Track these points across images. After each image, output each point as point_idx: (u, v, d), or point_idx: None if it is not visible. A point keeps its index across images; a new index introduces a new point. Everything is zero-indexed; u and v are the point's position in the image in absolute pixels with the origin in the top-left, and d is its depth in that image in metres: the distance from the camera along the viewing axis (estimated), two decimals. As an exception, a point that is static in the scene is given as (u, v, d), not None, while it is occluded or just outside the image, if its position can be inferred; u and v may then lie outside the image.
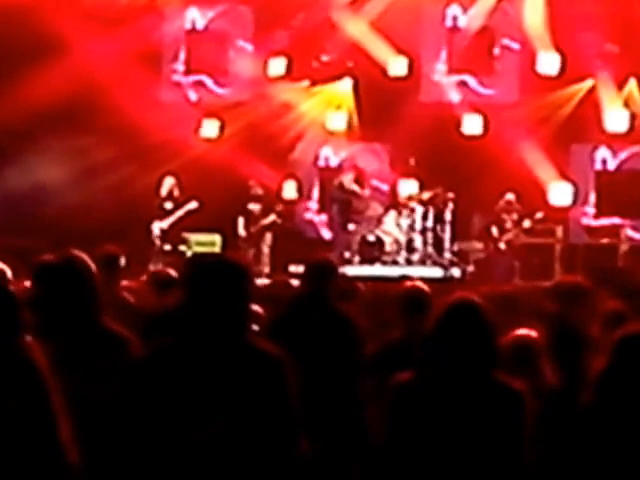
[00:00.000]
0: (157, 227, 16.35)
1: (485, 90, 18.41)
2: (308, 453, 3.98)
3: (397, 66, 18.10)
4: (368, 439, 5.41)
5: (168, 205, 16.38)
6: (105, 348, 4.37)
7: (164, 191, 16.46)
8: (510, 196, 16.26)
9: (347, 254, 16.12)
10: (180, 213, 16.32)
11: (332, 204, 16.92)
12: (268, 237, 16.64)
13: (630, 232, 17.03)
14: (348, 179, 16.63)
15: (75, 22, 17.21)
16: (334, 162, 19.01)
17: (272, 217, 16.68)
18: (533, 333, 5.19)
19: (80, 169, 17.28)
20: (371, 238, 16.33)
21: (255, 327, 6.19)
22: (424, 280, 7.41)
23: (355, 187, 16.58)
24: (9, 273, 6.60)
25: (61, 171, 17.39)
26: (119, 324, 4.55)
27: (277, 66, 18.31)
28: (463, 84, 18.49)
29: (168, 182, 16.49)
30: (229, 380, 3.86)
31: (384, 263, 16.15)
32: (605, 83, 17.39)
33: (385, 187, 18.05)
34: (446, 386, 4.25)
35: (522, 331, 5.20)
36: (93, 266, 4.48)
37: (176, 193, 16.45)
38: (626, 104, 17.43)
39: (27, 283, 4.87)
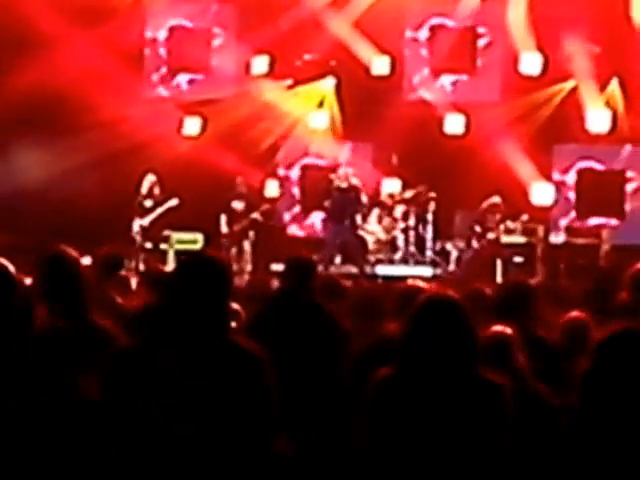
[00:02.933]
0: (137, 224, 16.29)
1: (467, 90, 18.43)
2: (286, 451, 3.98)
3: (380, 65, 18.12)
4: (350, 438, 5.40)
5: (148, 203, 16.33)
6: (92, 343, 4.36)
7: (144, 189, 16.39)
8: (496, 199, 16.23)
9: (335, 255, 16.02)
10: (160, 210, 16.26)
11: (331, 202, 16.08)
12: (250, 235, 16.62)
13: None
14: (343, 174, 16.32)
15: (55, 19, 17.10)
16: (316, 160, 19.00)
17: (255, 215, 16.66)
18: (508, 329, 5.20)
19: (60, 167, 17.17)
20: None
21: (234, 324, 6.19)
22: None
23: (354, 181, 16.32)
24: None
25: (41, 169, 17.30)
26: (108, 320, 4.54)
27: (260, 64, 18.30)
28: (445, 83, 18.51)
29: (149, 180, 16.43)
30: (209, 376, 3.87)
31: (366, 262, 16.16)
32: (587, 83, 17.43)
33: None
34: (426, 381, 4.23)
35: (497, 327, 5.22)
36: (82, 262, 4.47)
37: (156, 191, 16.39)
38: (608, 104, 17.49)
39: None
